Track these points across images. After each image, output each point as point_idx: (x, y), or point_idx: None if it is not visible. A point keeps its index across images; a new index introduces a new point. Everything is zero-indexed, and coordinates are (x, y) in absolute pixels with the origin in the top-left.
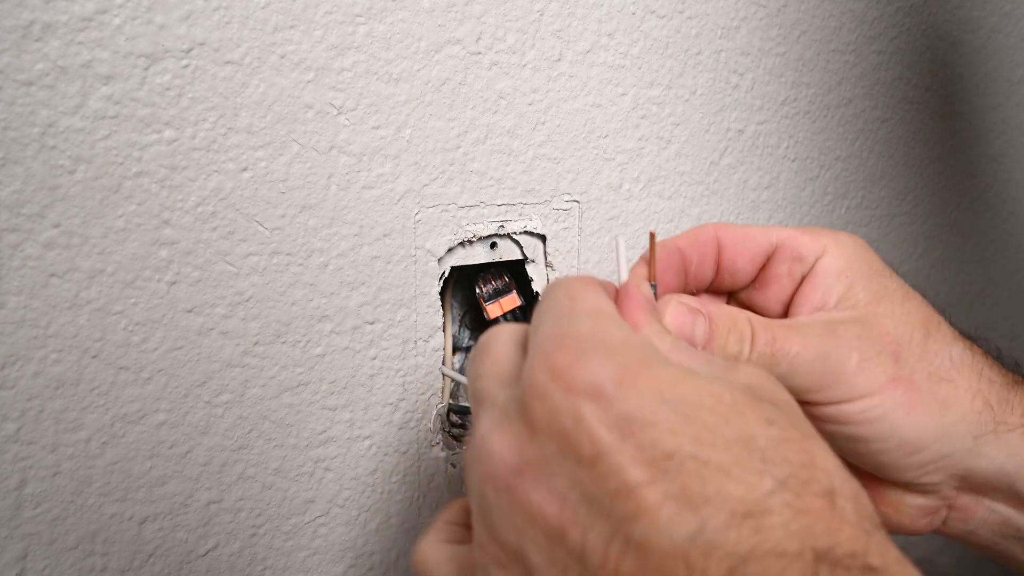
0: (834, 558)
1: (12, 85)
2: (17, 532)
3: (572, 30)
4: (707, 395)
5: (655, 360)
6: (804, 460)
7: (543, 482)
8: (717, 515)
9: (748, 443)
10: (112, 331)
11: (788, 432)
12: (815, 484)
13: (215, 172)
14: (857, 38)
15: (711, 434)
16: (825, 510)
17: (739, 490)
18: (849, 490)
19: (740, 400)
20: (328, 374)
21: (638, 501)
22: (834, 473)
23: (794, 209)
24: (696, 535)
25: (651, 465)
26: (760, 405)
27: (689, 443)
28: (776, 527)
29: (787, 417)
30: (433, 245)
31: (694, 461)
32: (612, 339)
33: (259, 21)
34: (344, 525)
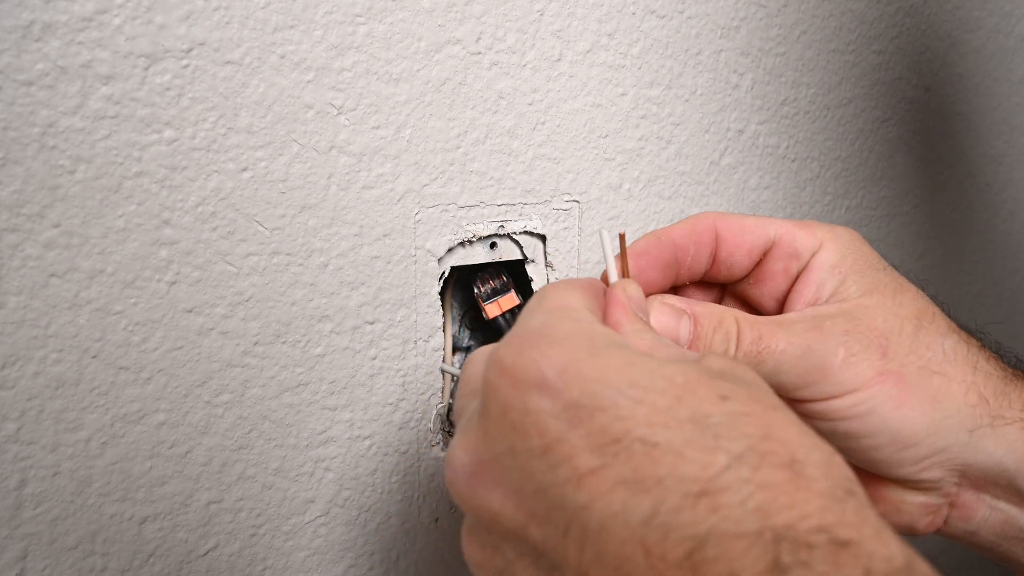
0: (796, 535)
1: (12, 85)
2: (17, 532)
3: (572, 30)
4: (658, 377)
5: (603, 347)
6: (762, 432)
7: (500, 480)
8: (670, 496)
9: (700, 421)
10: (112, 331)
11: (746, 406)
12: (774, 456)
13: (215, 172)
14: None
15: (662, 415)
16: (787, 482)
17: (692, 469)
18: (817, 457)
19: (693, 379)
20: (328, 374)
21: (590, 488)
22: (797, 442)
23: (794, 209)
24: (650, 518)
25: (601, 451)
26: (715, 383)
27: (639, 426)
28: (733, 505)
29: (747, 391)
30: (433, 245)
31: (643, 444)
32: (557, 331)
33: (259, 21)
34: (344, 525)
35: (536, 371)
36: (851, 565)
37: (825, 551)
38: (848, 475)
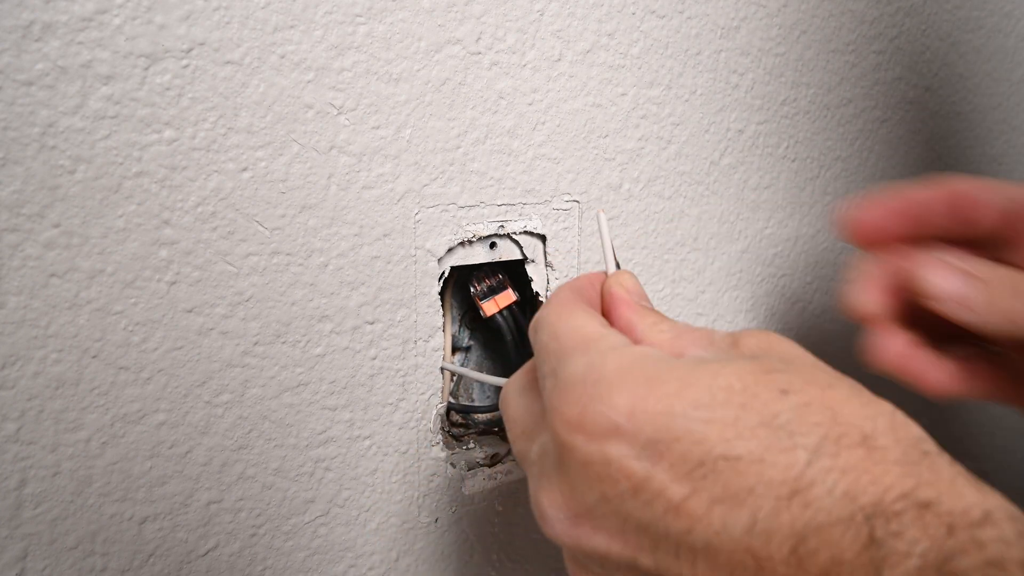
0: (884, 508)
1: (12, 85)
2: (17, 532)
3: (572, 30)
4: (717, 390)
5: (657, 375)
6: (829, 418)
7: (599, 526)
8: (764, 503)
9: (771, 423)
10: (112, 331)
11: (806, 394)
12: (847, 437)
13: (215, 172)
14: (857, 38)
15: (734, 428)
16: (864, 460)
17: (777, 473)
18: (883, 424)
19: (750, 382)
20: (328, 374)
21: (688, 514)
22: (861, 414)
23: (794, 209)
24: (751, 527)
25: (688, 478)
26: (771, 377)
27: (716, 445)
28: (823, 496)
29: (800, 376)
30: (433, 245)
31: (726, 460)
32: (609, 372)
33: (259, 21)
34: (344, 525)
35: (606, 421)
36: (935, 524)
37: (911, 516)
38: (913, 431)
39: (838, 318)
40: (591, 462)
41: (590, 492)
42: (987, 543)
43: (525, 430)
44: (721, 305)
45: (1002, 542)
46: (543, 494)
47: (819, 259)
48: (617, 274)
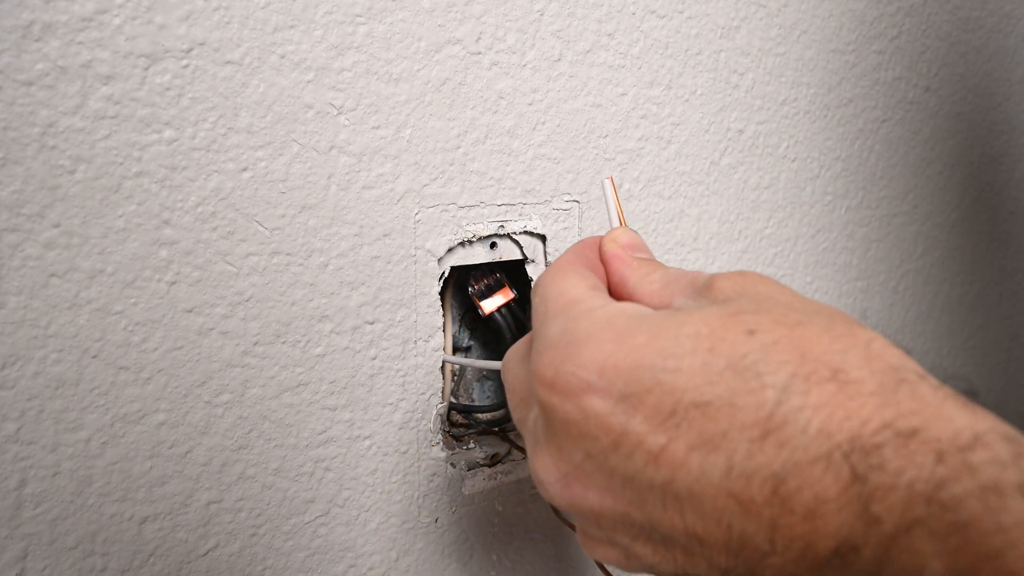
0: (863, 443)
1: (12, 85)
2: (17, 532)
3: (572, 30)
4: (684, 338)
5: (626, 330)
6: (798, 355)
7: (588, 483)
8: (739, 446)
9: (737, 365)
10: (112, 331)
11: (773, 333)
12: (816, 374)
13: (215, 172)
14: (857, 38)
15: (702, 374)
16: (837, 394)
17: (748, 415)
18: (856, 357)
19: (717, 326)
20: (328, 374)
21: (667, 463)
22: (832, 352)
23: (794, 209)
24: (728, 471)
25: (663, 427)
26: (738, 319)
27: (686, 393)
28: (796, 435)
29: (770, 316)
30: (433, 245)
31: (696, 407)
32: (579, 332)
33: (259, 21)
34: (344, 525)
35: (577, 380)
36: (922, 452)
37: (894, 447)
38: (890, 359)
39: None
40: (571, 420)
41: (575, 450)
42: (979, 467)
43: (523, 398)
44: None
45: (996, 464)
46: (537, 459)
47: (819, 259)
48: (611, 231)
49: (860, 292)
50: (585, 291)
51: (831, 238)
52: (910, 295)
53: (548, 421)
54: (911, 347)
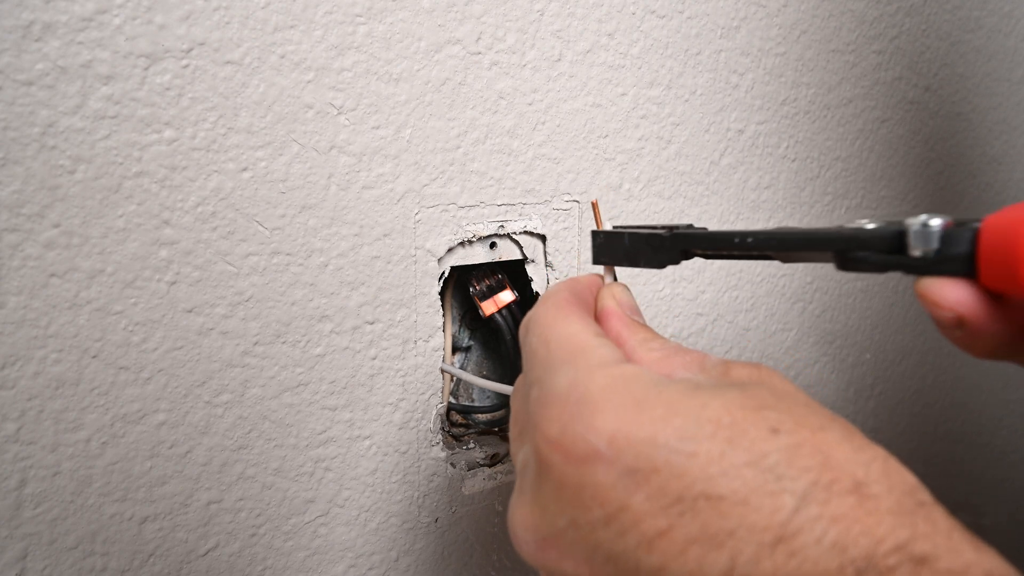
0: (876, 561)
1: (12, 85)
2: (17, 532)
3: (572, 30)
4: (705, 421)
5: (644, 398)
6: (821, 461)
7: (567, 552)
8: (746, 548)
9: (759, 463)
10: (112, 331)
11: (797, 435)
12: (838, 484)
13: (215, 172)
14: (857, 38)
15: (718, 465)
16: (856, 508)
17: (762, 517)
18: (877, 471)
19: (739, 417)
20: (328, 374)
21: (662, 551)
22: (854, 460)
23: (794, 209)
24: (729, 571)
25: (665, 513)
26: (761, 415)
27: (698, 481)
28: (810, 545)
29: (792, 415)
30: (433, 245)
31: (707, 499)
32: (593, 390)
33: (259, 21)
34: (344, 525)
35: (585, 444)
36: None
37: (906, 571)
38: (908, 479)
39: (838, 318)
40: (566, 484)
41: (560, 515)
42: None
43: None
44: (721, 305)
45: None
46: (516, 510)
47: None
48: (611, 285)
49: (860, 292)
50: (592, 339)
51: None
52: (910, 295)
53: (541, 476)
54: (912, 347)
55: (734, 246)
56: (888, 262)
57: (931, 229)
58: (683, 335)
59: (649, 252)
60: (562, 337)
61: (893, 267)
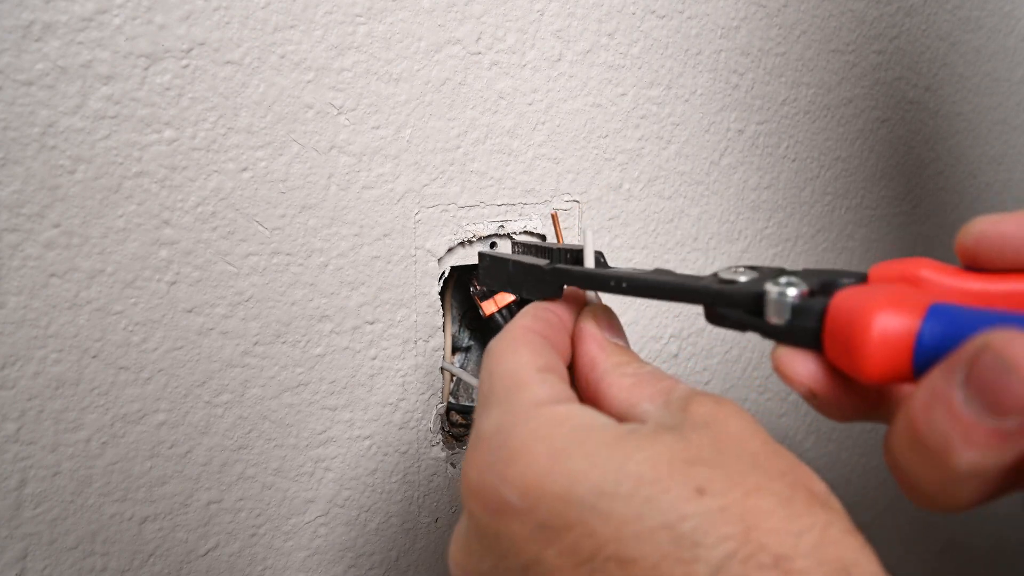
0: None
1: (12, 85)
2: (17, 532)
3: (572, 30)
4: (625, 477)
5: (564, 449)
6: (744, 529)
7: None
8: None
9: (675, 526)
10: (112, 331)
11: (725, 496)
12: (757, 557)
13: (215, 172)
14: (857, 38)
15: (633, 526)
16: None
17: None
18: (808, 544)
19: (664, 473)
20: (328, 374)
21: None
22: (784, 533)
23: (794, 209)
24: None
25: (577, 569)
26: (691, 470)
27: (609, 543)
28: None
29: (726, 472)
30: (433, 245)
31: (617, 561)
32: (514, 439)
33: (259, 21)
34: (344, 525)
35: (498, 497)
36: None
37: None
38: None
39: None
40: (485, 532)
41: (485, 558)
42: None
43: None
44: None
45: None
46: (452, 546)
47: (819, 259)
48: (594, 307)
49: None
50: (533, 374)
51: (831, 238)
52: None
53: (467, 517)
54: None
55: (609, 288)
56: (748, 323)
57: (785, 299)
58: (684, 334)
59: (532, 282)
60: (504, 372)
61: (752, 328)
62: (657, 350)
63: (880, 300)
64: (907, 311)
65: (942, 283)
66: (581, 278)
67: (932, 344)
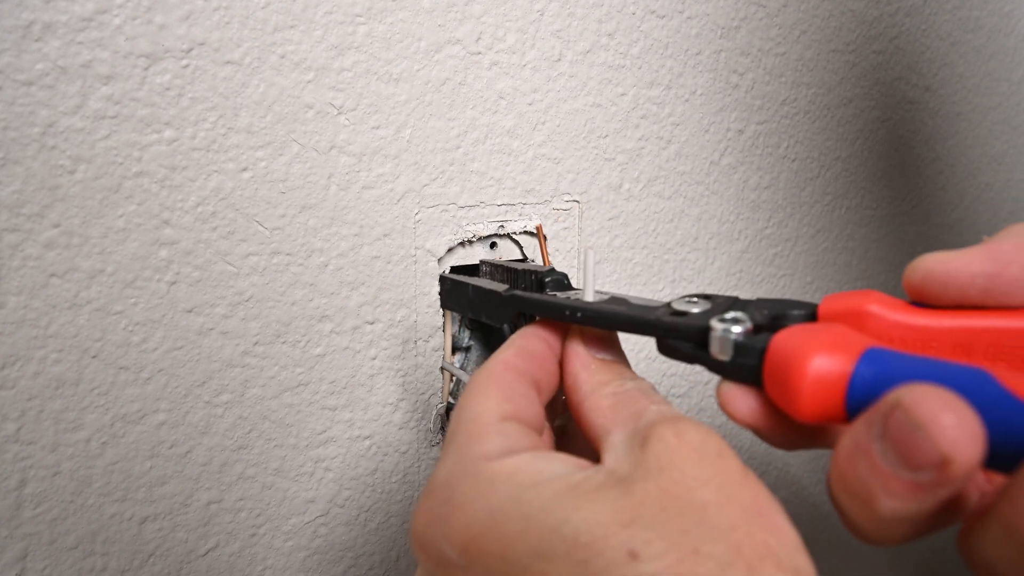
0: None
1: (12, 85)
2: (17, 532)
3: (572, 30)
4: (559, 540)
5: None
6: None
7: None
8: None
9: None
10: (112, 331)
11: (659, 561)
12: None
13: (215, 172)
14: (857, 38)
15: None
16: None
17: None
18: None
19: (599, 535)
20: (328, 374)
21: None
22: None
23: (794, 209)
24: None
25: None
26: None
27: None
28: None
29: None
30: (433, 245)
31: None
32: (457, 494)
33: (259, 21)
34: (344, 525)
35: (438, 551)
36: None
37: None
38: None
39: None
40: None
41: None
42: None
43: None
44: None
45: None
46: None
47: (819, 259)
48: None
49: None
50: (492, 424)
51: (831, 238)
52: None
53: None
54: None
55: (564, 317)
56: (696, 356)
57: (730, 336)
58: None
59: (490, 307)
60: (467, 418)
61: (699, 362)
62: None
63: (817, 342)
64: (842, 354)
65: (888, 319)
66: (537, 306)
67: (864, 387)
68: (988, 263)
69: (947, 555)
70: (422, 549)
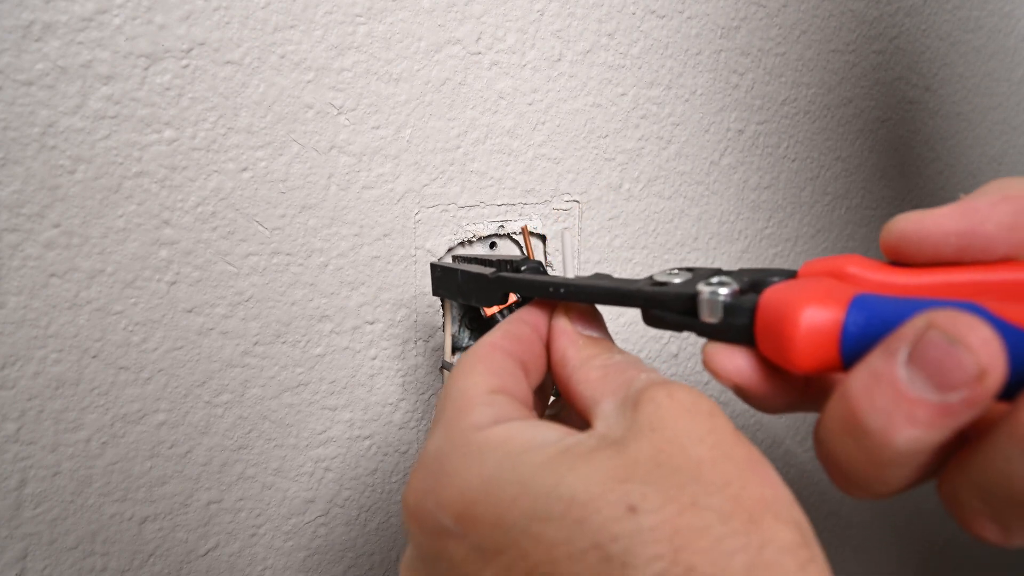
0: None
1: (12, 85)
2: (17, 532)
3: (572, 30)
4: (556, 500)
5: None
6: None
7: None
8: None
9: (605, 546)
10: (112, 331)
11: (658, 515)
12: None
13: (215, 172)
14: (857, 38)
15: (564, 548)
16: None
17: None
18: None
19: (596, 492)
20: (328, 374)
21: None
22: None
23: (794, 209)
24: None
25: None
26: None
27: (542, 564)
28: None
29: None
30: (433, 245)
31: None
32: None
33: (259, 21)
34: (344, 525)
35: (433, 520)
36: None
37: None
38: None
39: None
40: (425, 552)
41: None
42: None
43: None
44: None
45: None
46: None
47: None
48: (569, 304)
49: None
50: (480, 396)
51: (831, 238)
52: None
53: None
54: None
55: (548, 294)
56: (683, 323)
57: (718, 298)
58: (684, 333)
59: (479, 290)
60: (455, 394)
61: (688, 328)
62: (658, 350)
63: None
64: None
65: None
66: (523, 285)
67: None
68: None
69: (947, 555)
70: (416, 522)
